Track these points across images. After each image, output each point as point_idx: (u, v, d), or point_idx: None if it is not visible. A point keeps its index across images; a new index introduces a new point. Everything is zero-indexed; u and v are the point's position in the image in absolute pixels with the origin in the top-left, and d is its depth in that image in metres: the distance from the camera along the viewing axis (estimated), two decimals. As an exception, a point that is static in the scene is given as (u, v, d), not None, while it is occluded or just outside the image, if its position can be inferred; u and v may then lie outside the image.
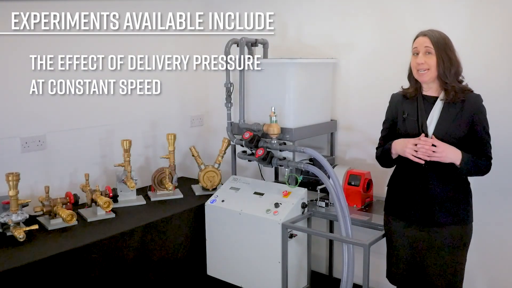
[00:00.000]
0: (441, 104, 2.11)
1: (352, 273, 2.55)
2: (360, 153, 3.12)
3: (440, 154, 2.01)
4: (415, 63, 2.10)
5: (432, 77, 2.09)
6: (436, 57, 2.06)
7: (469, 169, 2.05)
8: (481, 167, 2.07)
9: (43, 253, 2.26)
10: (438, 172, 2.09)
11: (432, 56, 2.06)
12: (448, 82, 2.06)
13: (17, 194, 2.41)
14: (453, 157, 2.02)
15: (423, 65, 2.07)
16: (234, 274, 2.88)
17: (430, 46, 2.06)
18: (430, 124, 2.11)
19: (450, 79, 2.06)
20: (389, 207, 2.29)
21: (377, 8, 2.98)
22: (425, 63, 2.07)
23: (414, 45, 2.12)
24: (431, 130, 2.10)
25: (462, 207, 2.12)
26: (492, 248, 2.72)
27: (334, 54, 3.14)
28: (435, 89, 2.14)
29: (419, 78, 2.12)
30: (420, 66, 2.08)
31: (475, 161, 2.05)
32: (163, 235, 2.79)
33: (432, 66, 2.07)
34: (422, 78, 2.11)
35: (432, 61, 2.06)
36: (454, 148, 2.03)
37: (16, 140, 2.73)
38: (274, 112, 2.74)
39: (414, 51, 2.12)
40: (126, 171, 2.92)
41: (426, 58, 2.07)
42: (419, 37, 2.11)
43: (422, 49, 2.08)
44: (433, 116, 2.11)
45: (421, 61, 2.07)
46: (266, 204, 2.76)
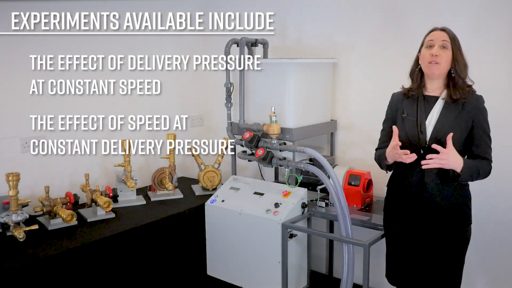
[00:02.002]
0: (442, 103, 2.09)
1: (352, 273, 2.55)
2: (360, 153, 3.12)
3: (445, 162, 1.95)
4: (428, 55, 2.05)
5: (442, 73, 2.06)
6: (452, 53, 2.03)
7: (471, 176, 2.02)
8: (482, 172, 2.05)
9: (43, 253, 2.26)
10: (434, 174, 2.07)
11: (447, 51, 2.03)
12: (459, 80, 2.04)
13: (17, 194, 2.41)
14: (455, 164, 1.97)
15: (437, 57, 2.02)
16: (234, 274, 2.88)
17: (447, 41, 2.03)
18: (429, 124, 2.09)
19: (463, 77, 2.04)
20: (388, 207, 2.28)
21: (377, 8, 2.98)
22: (440, 56, 2.03)
23: (429, 37, 2.08)
24: (429, 130, 2.08)
25: (461, 210, 2.10)
26: (492, 248, 2.72)
27: (334, 54, 3.14)
28: (437, 89, 2.11)
29: (429, 70, 2.07)
30: (434, 58, 2.03)
31: (476, 167, 2.02)
32: (163, 235, 2.79)
33: (444, 61, 2.03)
34: (432, 71, 2.06)
35: (447, 56, 2.03)
36: (457, 154, 1.97)
37: (16, 140, 2.73)
38: (274, 112, 2.74)
39: (429, 44, 2.07)
40: (126, 171, 2.92)
41: (441, 51, 2.03)
42: (436, 31, 2.08)
43: (439, 42, 2.04)
44: (433, 116, 2.09)
45: (437, 52, 2.02)
46: (266, 204, 2.76)
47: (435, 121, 2.08)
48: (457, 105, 2.06)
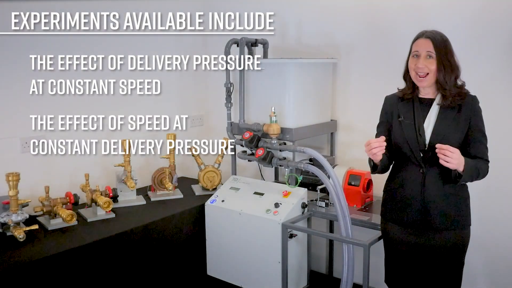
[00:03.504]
0: (438, 108, 2.08)
1: (352, 273, 2.55)
2: (360, 153, 3.08)
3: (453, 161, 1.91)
4: (415, 66, 2.05)
5: (431, 82, 2.05)
6: (437, 62, 2.01)
7: (471, 176, 2.01)
8: (481, 172, 2.04)
9: (43, 253, 2.26)
10: (434, 177, 2.06)
11: (433, 60, 2.02)
12: (447, 89, 2.02)
13: (17, 194, 2.41)
14: (459, 163, 1.94)
15: (424, 69, 2.02)
16: (234, 274, 2.88)
17: (432, 51, 2.01)
18: (427, 128, 2.08)
19: (450, 84, 2.02)
20: (386, 212, 2.25)
21: (377, 8, 2.98)
22: (426, 67, 2.02)
23: (415, 47, 2.06)
24: (428, 133, 2.08)
25: (459, 212, 2.09)
26: (492, 249, 2.72)
27: (334, 54, 3.14)
28: (431, 92, 2.11)
29: (417, 83, 2.08)
30: (420, 70, 2.03)
31: (476, 167, 2.01)
32: (163, 235, 2.79)
33: (432, 70, 2.02)
34: (421, 84, 2.06)
35: (433, 66, 2.02)
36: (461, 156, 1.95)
37: (16, 140, 2.73)
38: (274, 112, 2.75)
39: (414, 53, 2.06)
40: (126, 171, 2.92)
41: (426, 62, 2.02)
42: (421, 39, 2.05)
43: (423, 53, 2.02)
44: (430, 119, 2.09)
45: (422, 65, 2.02)
46: (266, 204, 2.76)
47: (433, 124, 2.08)
48: (453, 108, 2.06)
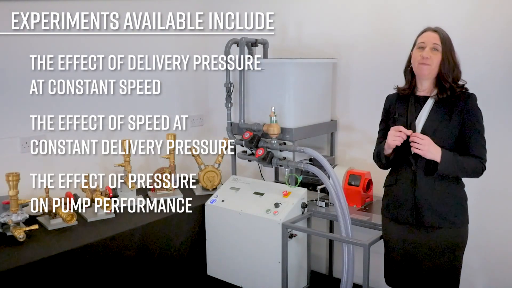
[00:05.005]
0: (432, 102, 2.11)
1: (352, 273, 2.55)
2: (360, 153, 3.12)
3: (423, 147, 2.00)
4: (419, 56, 2.07)
5: (432, 74, 2.08)
6: (442, 55, 2.05)
7: (452, 167, 2.02)
8: (468, 168, 2.04)
9: (43, 253, 2.26)
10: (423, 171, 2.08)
11: (437, 53, 2.06)
12: (448, 81, 2.05)
13: (17, 194, 2.41)
14: (434, 153, 2.00)
15: (428, 59, 2.05)
16: (234, 274, 2.88)
17: (438, 43, 2.05)
18: (418, 123, 2.11)
19: (450, 79, 2.06)
20: (384, 209, 2.28)
21: (377, 8, 2.98)
22: (430, 58, 2.05)
23: (421, 39, 2.10)
24: (419, 129, 2.10)
25: (452, 210, 2.09)
26: (492, 249, 2.72)
27: (334, 54, 3.14)
28: (428, 89, 2.13)
29: (419, 71, 2.10)
30: (425, 60, 2.05)
31: (458, 160, 2.02)
32: (163, 235, 2.79)
33: (435, 63, 2.06)
34: (422, 72, 2.09)
35: (437, 59, 2.05)
36: (435, 145, 2.01)
37: (16, 140, 2.73)
38: (274, 112, 2.75)
39: (420, 45, 2.09)
40: (126, 171, 2.92)
41: (432, 53, 2.05)
42: (428, 32, 2.09)
43: (430, 44, 2.06)
44: (422, 115, 2.11)
45: (428, 55, 2.05)
46: (266, 204, 2.76)
47: (425, 119, 2.10)
48: (447, 104, 2.08)
